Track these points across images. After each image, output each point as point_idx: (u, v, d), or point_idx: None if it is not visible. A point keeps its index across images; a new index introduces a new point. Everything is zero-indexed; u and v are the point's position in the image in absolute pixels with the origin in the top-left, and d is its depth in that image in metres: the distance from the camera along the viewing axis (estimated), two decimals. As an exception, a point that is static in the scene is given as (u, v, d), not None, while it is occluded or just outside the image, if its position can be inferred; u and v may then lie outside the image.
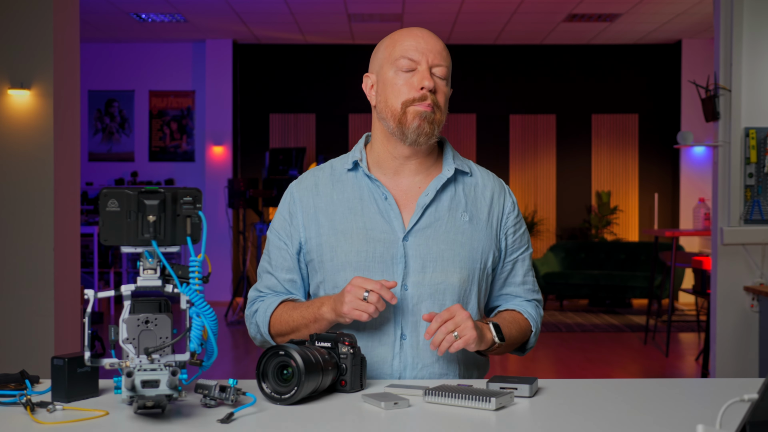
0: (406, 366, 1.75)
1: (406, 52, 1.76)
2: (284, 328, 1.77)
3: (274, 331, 1.80)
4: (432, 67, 1.76)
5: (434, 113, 1.75)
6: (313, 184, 1.84)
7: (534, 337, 1.88)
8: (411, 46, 1.76)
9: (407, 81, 1.75)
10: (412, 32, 1.79)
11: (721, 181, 4.48)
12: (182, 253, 7.52)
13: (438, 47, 1.78)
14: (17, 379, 1.49)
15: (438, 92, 1.76)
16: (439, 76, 1.77)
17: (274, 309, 1.79)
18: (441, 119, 1.77)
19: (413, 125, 1.74)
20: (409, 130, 1.75)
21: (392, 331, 1.75)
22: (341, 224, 1.78)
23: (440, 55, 1.77)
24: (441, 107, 1.77)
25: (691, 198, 9.52)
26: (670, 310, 6.70)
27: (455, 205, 1.81)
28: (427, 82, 1.73)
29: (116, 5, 8.28)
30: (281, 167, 8.90)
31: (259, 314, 1.81)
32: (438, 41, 1.79)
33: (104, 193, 1.39)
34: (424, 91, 1.73)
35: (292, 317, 1.76)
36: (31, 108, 4.46)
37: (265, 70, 10.07)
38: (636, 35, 9.57)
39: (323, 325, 1.71)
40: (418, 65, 1.75)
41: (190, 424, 1.33)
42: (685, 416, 1.41)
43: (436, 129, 1.76)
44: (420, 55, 1.75)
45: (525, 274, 1.90)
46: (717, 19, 4.53)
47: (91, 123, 10.09)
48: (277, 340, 1.80)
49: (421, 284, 1.75)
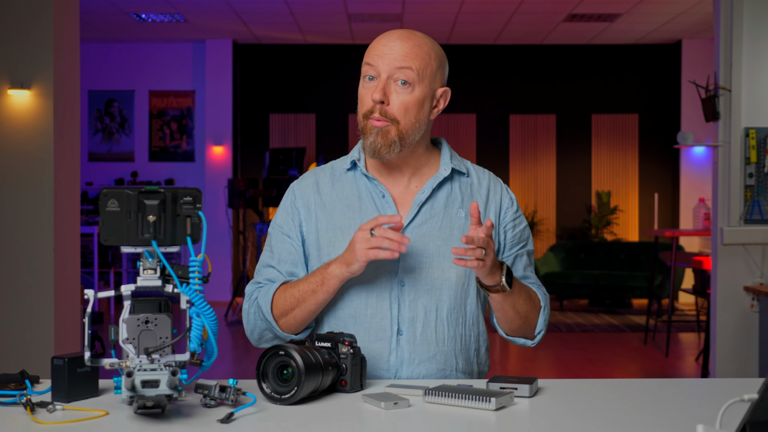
0: (402, 362, 1.75)
1: (369, 58, 1.74)
2: (289, 302, 1.73)
3: (277, 312, 1.75)
4: (391, 74, 1.71)
5: (389, 127, 1.72)
6: (314, 182, 1.85)
7: (542, 318, 1.84)
8: (374, 52, 1.73)
9: (368, 91, 1.74)
10: (382, 38, 1.75)
11: (721, 181, 4.48)
12: (182, 253, 7.52)
13: (403, 51, 1.71)
14: (17, 379, 1.49)
15: (391, 104, 1.72)
16: (404, 83, 1.71)
17: (276, 289, 1.77)
18: (404, 129, 1.73)
19: (369, 140, 1.73)
20: (367, 144, 1.74)
21: (389, 327, 1.75)
22: (339, 221, 1.79)
23: (405, 58, 1.71)
24: (397, 119, 1.72)
25: (691, 198, 9.52)
26: (670, 310, 6.70)
27: (451, 202, 1.81)
28: (375, 94, 1.70)
29: (116, 5, 8.28)
30: (281, 167, 8.90)
31: (261, 296, 1.77)
32: (407, 43, 1.73)
33: (104, 193, 1.39)
34: (374, 104, 1.72)
35: (297, 288, 1.73)
36: (31, 108, 4.46)
37: (265, 70, 10.07)
38: (636, 35, 9.57)
39: (332, 285, 1.69)
40: (379, 74, 1.72)
41: (190, 424, 1.33)
42: (685, 416, 1.41)
43: (396, 142, 1.73)
44: (379, 62, 1.72)
45: (525, 268, 1.88)
46: (717, 19, 4.53)
47: (91, 123, 10.09)
48: (280, 322, 1.75)
49: (418, 280, 1.76)
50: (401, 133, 1.73)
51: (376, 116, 1.72)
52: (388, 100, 1.72)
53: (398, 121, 1.72)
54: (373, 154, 1.74)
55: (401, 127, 1.73)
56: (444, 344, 1.77)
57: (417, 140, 1.78)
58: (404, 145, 1.75)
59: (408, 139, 1.75)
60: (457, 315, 1.78)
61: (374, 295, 1.76)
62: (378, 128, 1.72)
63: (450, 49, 10.88)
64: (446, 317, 1.77)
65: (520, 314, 1.78)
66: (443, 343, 1.77)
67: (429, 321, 1.76)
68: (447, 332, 1.77)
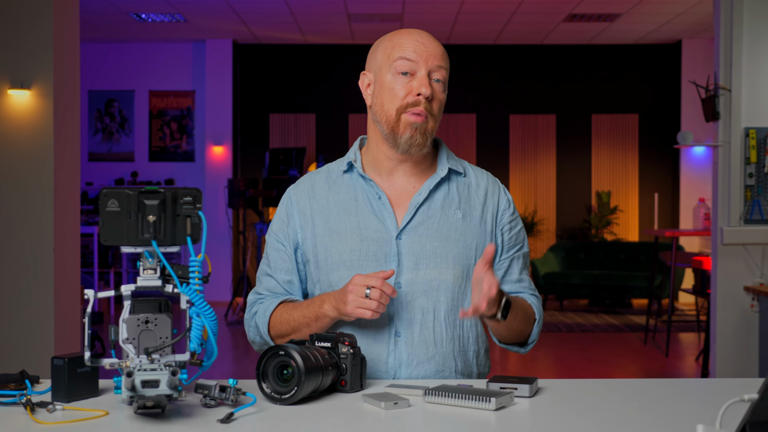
0: (401, 363, 1.75)
1: (405, 54, 1.74)
2: (284, 328, 1.76)
3: (274, 333, 1.79)
4: (431, 71, 1.74)
5: (427, 122, 1.74)
6: (309, 187, 1.85)
7: (536, 329, 1.85)
8: (410, 48, 1.74)
9: (405, 85, 1.73)
10: (411, 34, 1.77)
11: (721, 181, 4.48)
12: (182, 253, 7.52)
13: (439, 51, 1.76)
14: (17, 379, 1.49)
15: (434, 100, 1.75)
16: (438, 81, 1.75)
17: (273, 310, 1.79)
18: (434, 127, 1.76)
19: (405, 135, 1.74)
20: (401, 140, 1.74)
21: (387, 329, 1.75)
22: (336, 224, 1.79)
23: (441, 58, 1.75)
24: (435, 115, 1.75)
25: (691, 198, 9.52)
26: (670, 310, 6.69)
27: (448, 202, 1.81)
28: (424, 89, 1.71)
29: (116, 5, 8.28)
30: (281, 167, 8.90)
31: (259, 315, 1.80)
32: (438, 45, 1.77)
33: (104, 193, 1.39)
34: (420, 97, 1.72)
35: (293, 317, 1.75)
36: (31, 108, 4.46)
37: (265, 70, 10.07)
38: (636, 35, 9.57)
39: (325, 323, 1.71)
40: (417, 69, 1.73)
41: (190, 424, 1.33)
42: (685, 416, 1.41)
43: (428, 139, 1.75)
44: (419, 58, 1.73)
45: (521, 272, 1.88)
46: (717, 19, 4.53)
47: (91, 123, 10.09)
48: (277, 341, 1.78)
49: (415, 281, 1.76)
50: (432, 131, 1.76)
51: (419, 109, 1.73)
52: (432, 96, 1.74)
53: (435, 117, 1.76)
54: (408, 150, 1.75)
55: (434, 125, 1.76)
56: (442, 345, 1.77)
57: None
58: (429, 144, 1.77)
59: (431, 139, 1.78)
60: (455, 316, 1.78)
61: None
62: (418, 124, 1.73)
63: (450, 49, 10.81)
64: (444, 318, 1.77)
65: (513, 332, 1.80)
66: (441, 345, 1.77)
67: (427, 322, 1.76)
68: (445, 333, 1.77)
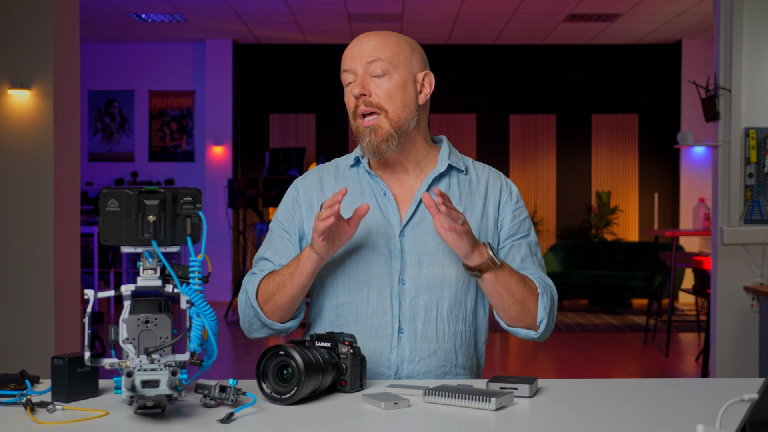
0: (403, 359, 1.75)
1: (344, 65, 1.78)
2: (271, 287, 1.74)
3: (261, 297, 1.76)
4: (367, 69, 1.75)
5: (379, 120, 1.73)
6: (317, 179, 1.87)
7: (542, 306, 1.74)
8: (347, 57, 1.78)
9: (350, 94, 1.77)
10: (351, 43, 1.79)
11: (721, 181, 4.48)
12: (182, 253, 7.52)
13: (371, 45, 1.75)
14: (17, 379, 1.49)
15: (375, 92, 1.74)
16: (377, 74, 1.74)
17: (264, 276, 1.78)
18: (394, 116, 1.74)
19: (365, 142, 1.75)
20: (364, 146, 1.76)
21: (390, 325, 1.75)
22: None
23: (374, 51, 1.74)
24: (385, 108, 1.74)
25: (691, 198, 9.52)
26: (670, 310, 6.69)
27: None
28: (356, 89, 1.74)
29: (116, 5, 8.28)
30: (281, 167, 8.90)
31: (248, 284, 1.79)
32: (373, 38, 1.76)
33: (104, 193, 1.39)
34: (356, 101, 1.74)
35: (278, 273, 1.74)
36: (31, 108, 4.46)
37: (265, 70, 10.07)
38: (636, 35, 9.57)
39: (306, 267, 1.68)
40: (356, 74, 1.76)
41: (190, 424, 1.33)
42: (685, 416, 1.41)
43: (392, 134, 1.74)
44: (353, 62, 1.76)
45: (523, 259, 1.82)
46: (717, 19, 4.53)
47: (91, 123, 10.09)
48: (265, 308, 1.75)
49: (418, 278, 1.76)
50: (393, 122, 1.74)
51: (362, 109, 1.74)
52: (369, 92, 1.74)
53: (386, 109, 1.74)
54: (374, 153, 1.75)
55: (391, 114, 1.74)
56: (444, 341, 1.77)
57: (413, 129, 1.78)
58: (400, 135, 1.75)
59: (402, 127, 1.75)
60: (458, 311, 1.78)
61: (375, 292, 1.76)
62: (370, 126, 1.74)
63: (450, 49, 10.95)
64: (447, 314, 1.77)
65: (516, 297, 1.71)
66: (444, 340, 1.77)
67: (430, 318, 1.76)
68: (447, 329, 1.77)
